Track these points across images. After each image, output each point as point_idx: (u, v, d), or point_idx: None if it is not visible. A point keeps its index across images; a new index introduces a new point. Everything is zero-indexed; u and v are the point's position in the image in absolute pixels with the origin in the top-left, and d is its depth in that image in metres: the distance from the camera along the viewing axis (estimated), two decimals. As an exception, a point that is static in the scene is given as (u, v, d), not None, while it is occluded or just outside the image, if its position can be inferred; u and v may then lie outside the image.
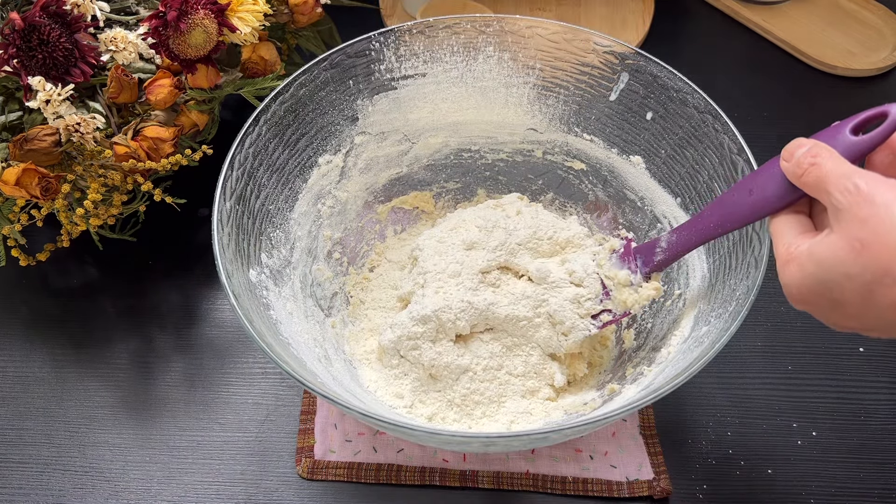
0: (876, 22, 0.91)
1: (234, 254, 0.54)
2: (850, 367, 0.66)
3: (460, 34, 0.65)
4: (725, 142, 0.57)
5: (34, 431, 0.63)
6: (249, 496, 0.59)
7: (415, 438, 0.51)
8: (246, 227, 0.57)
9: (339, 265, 0.68)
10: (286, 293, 0.60)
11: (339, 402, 0.46)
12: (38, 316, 0.70)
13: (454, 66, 0.66)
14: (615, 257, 0.59)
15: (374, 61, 0.64)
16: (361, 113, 0.66)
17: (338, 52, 0.63)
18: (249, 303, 0.53)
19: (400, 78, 0.66)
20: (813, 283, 0.41)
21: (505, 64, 0.66)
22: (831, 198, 0.40)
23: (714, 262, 0.57)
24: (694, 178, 0.60)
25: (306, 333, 0.59)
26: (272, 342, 0.50)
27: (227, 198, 0.55)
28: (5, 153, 0.62)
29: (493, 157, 0.71)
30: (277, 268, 0.60)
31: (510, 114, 0.68)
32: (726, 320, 0.50)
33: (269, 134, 0.60)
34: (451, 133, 0.69)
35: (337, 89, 0.64)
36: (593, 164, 0.67)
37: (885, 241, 0.37)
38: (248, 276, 0.55)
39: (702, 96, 0.58)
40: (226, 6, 0.65)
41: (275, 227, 0.61)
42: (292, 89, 0.61)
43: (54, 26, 0.60)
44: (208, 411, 0.64)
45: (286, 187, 0.62)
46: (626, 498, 0.59)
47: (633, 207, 0.66)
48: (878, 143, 0.42)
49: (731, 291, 0.53)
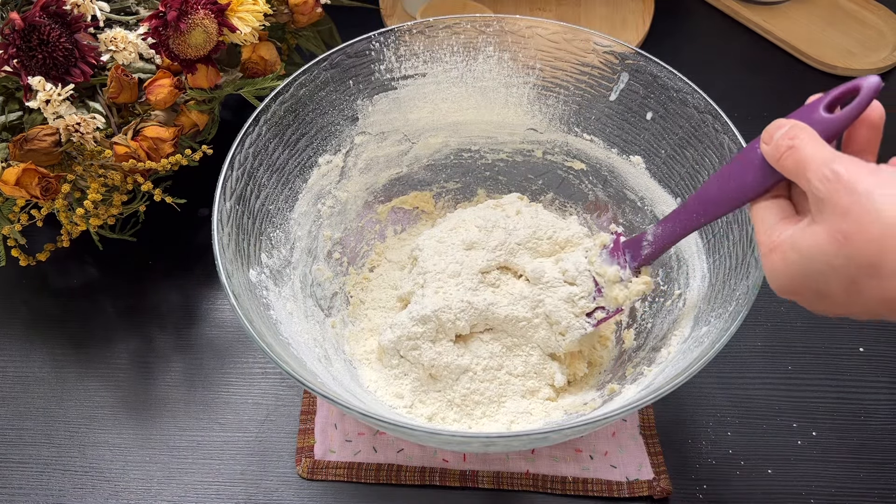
0: (876, 22, 0.91)
1: (234, 254, 0.54)
2: (850, 367, 0.66)
3: (460, 34, 0.65)
4: (725, 142, 0.56)
5: (34, 431, 0.63)
6: (249, 496, 0.59)
7: (415, 438, 0.51)
8: (246, 227, 0.57)
9: (339, 265, 0.68)
10: (286, 293, 0.60)
11: (339, 402, 0.46)
12: (38, 316, 0.70)
13: (454, 66, 0.66)
14: (605, 253, 0.59)
15: (375, 61, 0.64)
16: (361, 113, 0.66)
17: (338, 52, 0.63)
18: (249, 303, 0.53)
19: (400, 78, 0.66)
20: (797, 274, 0.40)
21: (505, 64, 0.66)
22: (811, 185, 0.39)
23: (714, 262, 0.57)
24: (694, 179, 0.60)
25: (306, 333, 0.59)
26: (272, 342, 0.50)
27: (227, 198, 0.55)
28: (5, 153, 0.62)
29: (493, 157, 0.71)
30: (277, 268, 0.60)
31: (510, 114, 0.68)
32: (726, 320, 0.50)
33: (269, 134, 0.60)
34: (451, 133, 0.69)
35: (337, 89, 0.64)
36: (593, 164, 0.67)
37: (868, 232, 0.36)
38: (248, 276, 0.55)
39: (702, 96, 0.58)
40: (226, 6, 0.65)
41: (275, 227, 0.61)
42: (292, 89, 0.61)
43: (54, 26, 0.60)
44: (208, 411, 0.64)
45: (286, 187, 0.62)
46: (626, 498, 0.59)
47: (633, 207, 0.66)
48: (852, 118, 0.41)
49: (731, 291, 0.53)
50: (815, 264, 0.38)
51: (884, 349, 0.67)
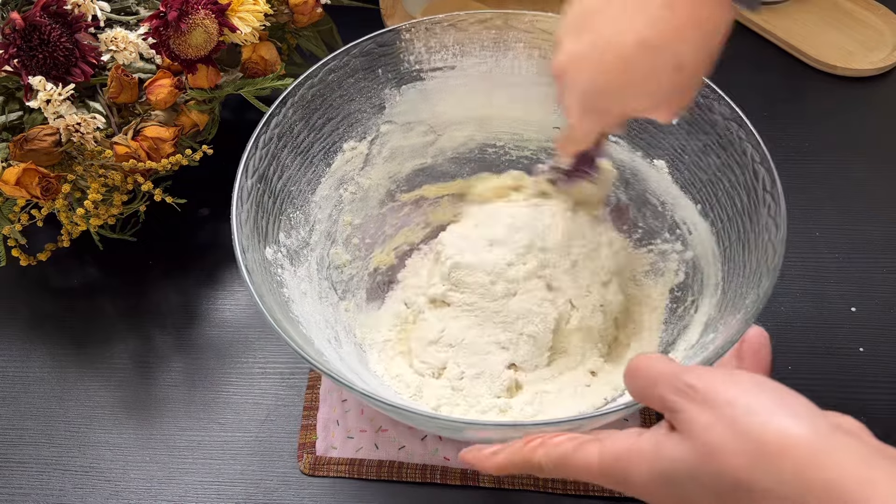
0: (875, 22, 0.91)
1: (251, 230, 0.54)
2: (850, 367, 0.66)
3: (492, 29, 0.64)
4: (749, 150, 0.56)
5: (34, 431, 0.63)
6: (249, 496, 0.59)
7: (411, 421, 0.51)
8: (266, 206, 0.57)
9: (357, 250, 0.68)
10: (301, 273, 0.60)
11: (342, 381, 0.46)
12: (38, 316, 0.70)
13: (483, 61, 0.66)
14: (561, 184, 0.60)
15: (404, 51, 0.64)
16: (389, 102, 0.66)
17: (369, 41, 0.63)
18: (262, 279, 0.53)
19: (429, 70, 0.66)
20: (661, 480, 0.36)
21: (534, 61, 0.65)
22: (665, 401, 0.36)
23: (728, 270, 0.56)
24: (715, 186, 0.59)
25: (318, 314, 0.59)
26: (280, 318, 0.50)
27: (249, 175, 0.55)
28: (5, 153, 0.62)
29: (517, 153, 0.71)
30: (295, 248, 0.60)
31: (537, 111, 0.67)
32: (734, 328, 0.50)
33: (295, 116, 0.60)
34: (477, 127, 0.69)
35: (366, 77, 0.64)
36: (617, 165, 0.66)
37: (734, 450, 0.33)
38: (263, 254, 0.55)
39: (727, 103, 0.57)
40: (226, 6, 0.65)
41: (295, 208, 0.61)
42: (321, 74, 0.61)
43: (55, 26, 0.60)
44: (208, 411, 0.64)
45: (309, 170, 0.63)
46: (627, 498, 0.59)
47: (653, 212, 0.65)
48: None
49: (742, 299, 0.52)
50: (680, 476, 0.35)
51: (884, 349, 0.67)
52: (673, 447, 0.35)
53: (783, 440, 0.32)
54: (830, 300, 0.69)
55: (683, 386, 0.35)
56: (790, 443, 0.32)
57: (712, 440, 0.33)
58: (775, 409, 0.33)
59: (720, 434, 0.33)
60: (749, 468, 0.32)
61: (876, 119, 0.84)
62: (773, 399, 0.34)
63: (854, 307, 0.69)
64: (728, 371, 0.37)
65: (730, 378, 0.35)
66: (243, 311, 0.69)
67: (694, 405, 0.35)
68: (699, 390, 0.35)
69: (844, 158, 0.79)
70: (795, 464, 0.32)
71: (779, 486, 0.32)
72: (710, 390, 0.35)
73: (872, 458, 0.32)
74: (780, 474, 0.32)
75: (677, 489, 0.36)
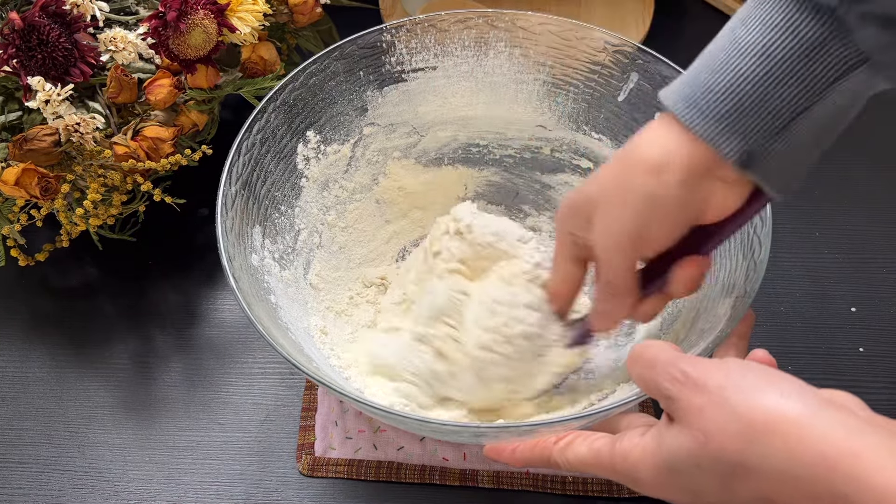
0: (876, 22, 0.91)
1: (237, 238, 0.54)
2: (850, 367, 0.66)
3: (472, 29, 0.65)
4: None
5: (34, 431, 0.63)
6: (249, 496, 0.59)
7: (405, 426, 0.51)
8: (251, 212, 0.57)
9: (342, 253, 0.68)
10: (288, 278, 0.60)
11: (332, 387, 0.46)
12: (38, 316, 0.70)
13: (465, 61, 0.66)
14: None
15: (385, 53, 0.64)
16: (371, 104, 0.66)
17: (349, 43, 0.63)
18: (250, 287, 0.53)
19: (410, 70, 0.66)
20: (666, 472, 0.38)
21: (516, 60, 0.66)
22: (660, 388, 0.38)
23: None
24: None
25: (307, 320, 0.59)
26: (269, 325, 0.50)
27: (233, 182, 0.55)
28: (5, 153, 0.62)
29: (501, 152, 0.71)
30: (281, 254, 0.60)
31: (519, 110, 0.68)
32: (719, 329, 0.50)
33: (277, 121, 0.60)
34: (460, 127, 0.69)
35: (347, 79, 0.64)
36: (601, 162, 0.67)
37: (727, 431, 0.34)
38: (249, 261, 0.55)
39: None
40: (225, 6, 0.65)
41: (280, 213, 0.61)
42: (302, 78, 0.61)
43: (54, 26, 0.60)
44: (208, 411, 0.64)
45: (293, 175, 0.62)
46: (626, 498, 0.59)
47: None
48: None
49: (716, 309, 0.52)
50: (682, 463, 0.37)
51: (884, 349, 0.67)
52: (672, 438, 0.37)
53: (771, 417, 0.33)
54: (830, 300, 0.69)
55: (678, 373, 0.37)
56: (777, 419, 0.33)
57: (706, 425, 0.35)
58: (763, 388, 0.35)
59: (712, 417, 0.35)
60: (742, 448, 0.34)
61: (876, 119, 0.84)
62: (761, 379, 0.35)
63: (854, 307, 0.69)
64: (716, 360, 0.37)
65: (721, 363, 0.36)
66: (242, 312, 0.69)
67: (687, 391, 0.36)
68: (691, 376, 0.36)
69: (844, 158, 0.79)
70: (784, 440, 0.33)
71: (771, 463, 0.33)
72: (701, 376, 0.36)
73: (862, 430, 0.33)
74: (770, 451, 0.33)
75: (683, 478, 0.37)
